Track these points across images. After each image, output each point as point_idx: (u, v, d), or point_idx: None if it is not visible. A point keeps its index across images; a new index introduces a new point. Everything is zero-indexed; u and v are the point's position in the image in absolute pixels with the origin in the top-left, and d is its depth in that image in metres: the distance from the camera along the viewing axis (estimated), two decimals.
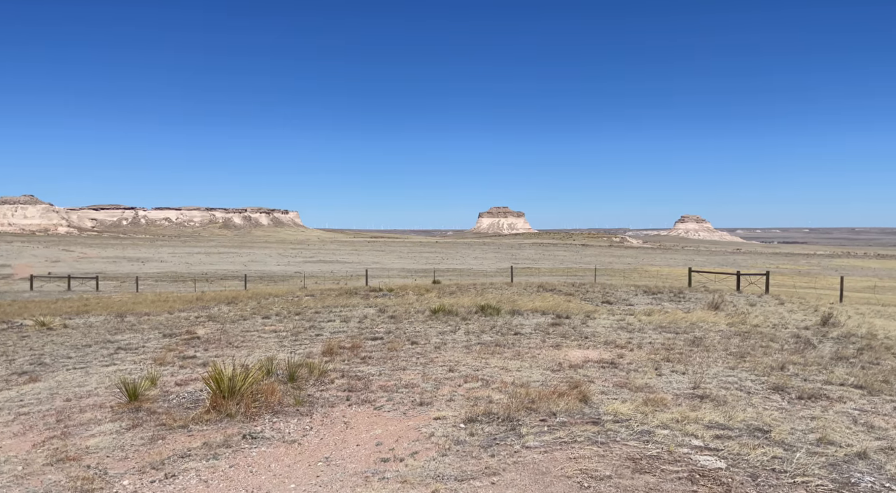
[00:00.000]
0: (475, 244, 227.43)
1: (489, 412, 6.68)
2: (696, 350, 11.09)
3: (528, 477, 4.91)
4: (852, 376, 8.82)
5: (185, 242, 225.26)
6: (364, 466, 5.32)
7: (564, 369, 9.37)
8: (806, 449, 5.57)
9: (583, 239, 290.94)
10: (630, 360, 10.05)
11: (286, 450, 5.77)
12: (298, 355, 10.53)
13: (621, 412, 6.71)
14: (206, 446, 5.86)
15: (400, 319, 15.78)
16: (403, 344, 11.71)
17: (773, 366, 9.55)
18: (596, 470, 5.01)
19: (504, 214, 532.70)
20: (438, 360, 10.11)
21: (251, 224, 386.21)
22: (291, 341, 12.56)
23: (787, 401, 7.45)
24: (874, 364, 9.98)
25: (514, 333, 13.23)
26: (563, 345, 11.65)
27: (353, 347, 11.26)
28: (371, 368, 9.46)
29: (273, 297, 24.90)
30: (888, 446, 5.74)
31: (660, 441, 5.73)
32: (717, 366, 9.62)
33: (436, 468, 5.14)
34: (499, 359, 10.17)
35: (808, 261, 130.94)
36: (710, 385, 8.15)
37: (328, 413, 6.92)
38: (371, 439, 6.05)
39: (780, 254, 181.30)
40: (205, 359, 10.41)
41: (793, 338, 12.84)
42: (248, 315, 17.44)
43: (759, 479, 4.85)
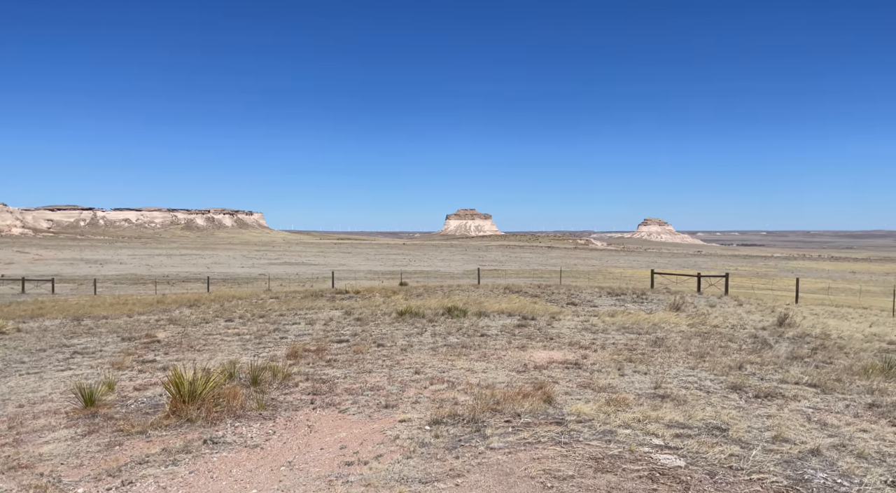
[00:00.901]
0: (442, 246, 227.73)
1: (454, 413, 6.69)
2: (657, 351, 11.30)
3: (491, 478, 4.93)
4: (807, 375, 9.10)
5: (146, 243, 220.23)
6: (328, 470, 5.27)
7: (529, 370, 9.44)
8: (762, 447, 5.72)
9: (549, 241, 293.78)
10: (594, 361, 10.19)
11: (248, 455, 5.68)
12: (262, 359, 10.39)
13: (584, 412, 6.79)
14: (165, 452, 5.74)
15: (366, 321, 15.69)
16: (369, 346, 11.65)
17: (732, 366, 9.79)
18: (559, 470, 5.06)
19: (471, 216, 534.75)
20: (405, 362, 10.09)
21: (214, 225, 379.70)
22: (255, 344, 12.38)
23: (745, 400, 7.64)
24: (827, 363, 10.30)
25: (481, 334, 13.28)
26: (528, 346, 11.74)
27: (319, 349, 11.16)
28: (336, 371, 9.38)
29: (237, 299, 24.51)
30: (840, 443, 5.93)
31: (622, 441, 5.82)
32: (678, 366, 9.82)
33: (400, 471, 5.12)
34: (465, 361, 10.20)
35: (765, 263, 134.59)
36: (670, 385, 8.31)
37: (292, 417, 6.84)
38: (335, 442, 6.00)
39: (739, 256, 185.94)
40: (165, 363, 10.19)
41: (750, 338, 13.19)
42: (211, 318, 17.13)
43: (716, 477, 4.96)
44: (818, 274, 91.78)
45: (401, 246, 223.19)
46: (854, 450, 5.70)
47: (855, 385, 8.48)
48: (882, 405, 7.39)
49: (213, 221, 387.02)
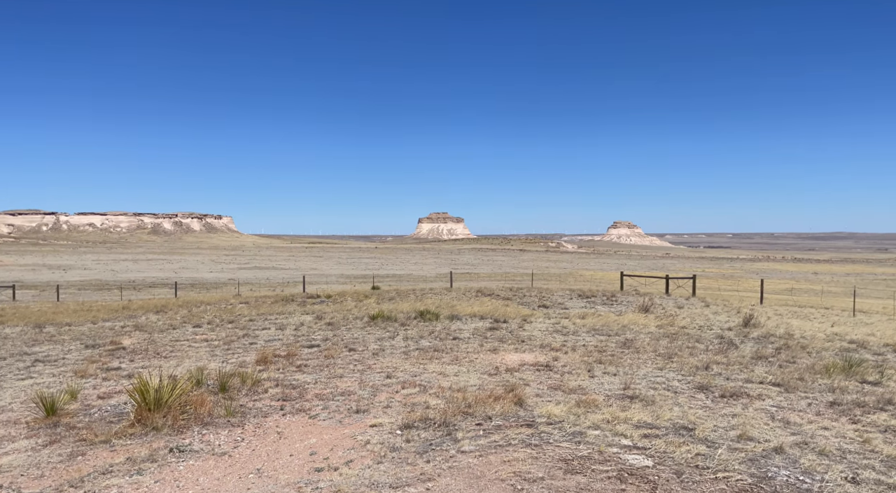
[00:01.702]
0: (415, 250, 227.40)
1: (426, 417, 6.68)
2: (627, 352, 11.45)
3: (462, 482, 4.93)
4: (771, 375, 9.31)
5: (111, 248, 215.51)
6: (297, 476, 5.22)
7: (501, 372, 9.48)
8: (727, 446, 5.83)
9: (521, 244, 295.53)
10: (564, 362, 10.27)
11: (216, 463, 5.59)
12: (231, 365, 10.25)
13: (555, 413, 6.84)
14: (129, 461, 5.61)
15: (338, 325, 15.58)
16: (341, 351, 11.57)
17: (699, 366, 9.96)
18: (529, 472, 5.09)
19: (444, 219, 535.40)
20: (376, 366, 10.05)
21: (182, 230, 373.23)
22: (224, 350, 12.20)
23: (711, 400, 7.78)
24: (791, 363, 10.55)
25: (453, 338, 13.29)
26: (500, 349, 11.79)
27: (289, 355, 11.05)
28: (307, 376, 9.30)
29: (205, 305, 24.12)
30: (802, 440, 6.07)
31: (591, 442, 5.87)
32: (647, 367, 9.95)
33: (370, 476, 5.09)
34: (437, 364, 10.19)
35: (731, 265, 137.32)
36: (639, 386, 8.42)
37: (261, 424, 6.75)
38: (305, 448, 5.94)
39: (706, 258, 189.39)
40: (130, 370, 9.97)
41: (717, 339, 13.44)
42: (178, 324, 16.83)
43: (683, 476, 5.04)
44: (782, 275, 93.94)
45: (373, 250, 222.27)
46: (816, 448, 5.84)
47: (817, 384, 8.70)
48: (842, 403, 7.60)
49: (181, 225, 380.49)
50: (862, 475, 5.16)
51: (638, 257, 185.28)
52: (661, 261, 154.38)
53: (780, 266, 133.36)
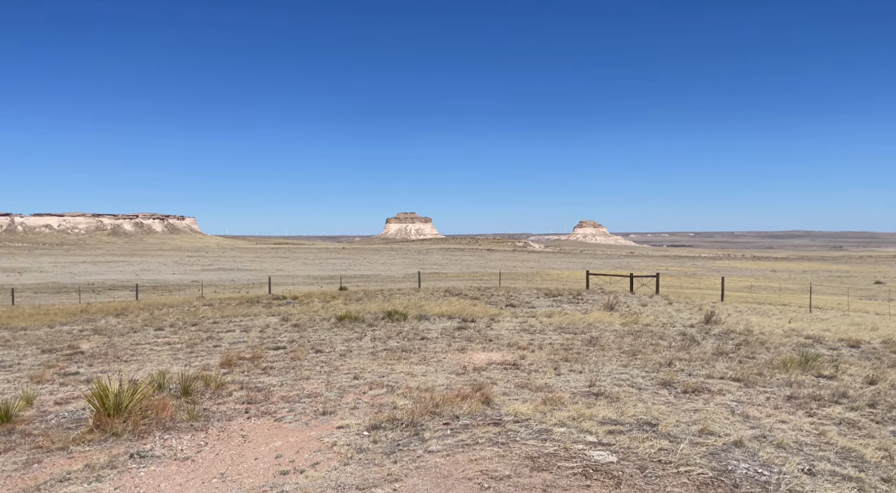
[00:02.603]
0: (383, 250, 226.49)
1: (393, 418, 6.67)
2: (592, 350, 11.60)
3: (429, 481, 4.94)
4: (731, 370, 9.54)
5: (69, 250, 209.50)
6: (262, 480, 5.15)
7: (469, 372, 9.51)
8: (689, 440, 5.96)
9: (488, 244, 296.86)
10: (531, 361, 10.36)
11: (178, 468, 5.48)
12: (194, 368, 10.06)
13: (522, 412, 6.89)
14: (88, 468, 5.46)
15: (304, 327, 15.43)
16: (307, 353, 11.46)
17: (662, 363, 10.15)
18: (496, 471, 5.12)
19: (412, 219, 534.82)
20: (343, 368, 9.98)
21: (143, 231, 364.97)
22: (187, 353, 11.97)
23: (674, 395, 7.94)
24: (750, 358, 10.83)
25: (421, 338, 13.29)
26: (468, 348, 11.83)
27: (254, 357, 10.89)
28: (272, 378, 9.18)
29: (167, 307, 23.63)
30: (761, 434, 6.24)
31: (557, 439, 5.93)
32: (612, 364, 10.10)
33: (337, 478, 5.05)
34: (405, 364, 10.17)
35: (693, 263, 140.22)
36: (604, 383, 8.54)
37: (225, 427, 6.64)
38: (271, 451, 5.87)
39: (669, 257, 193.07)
40: (89, 375, 9.71)
41: (679, 336, 13.71)
42: (140, 327, 16.46)
43: (647, 471, 5.13)
44: (742, 273, 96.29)
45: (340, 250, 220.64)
46: (774, 441, 6.01)
47: (775, 378, 8.95)
48: (799, 397, 7.83)
49: (142, 226, 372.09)
50: (818, 466, 5.33)
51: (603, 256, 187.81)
52: (626, 260, 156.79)
53: (740, 264, 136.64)
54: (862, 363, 10.51)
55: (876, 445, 5.92)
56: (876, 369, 9.90)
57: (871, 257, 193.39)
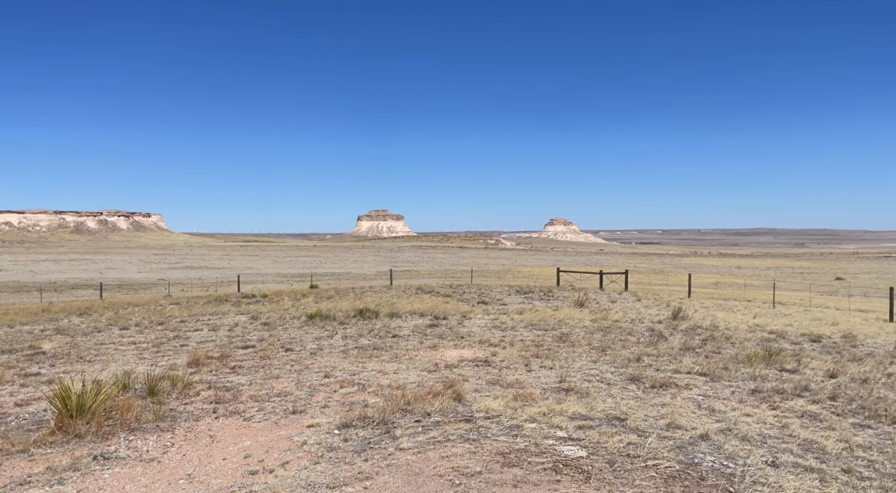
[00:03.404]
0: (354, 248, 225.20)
1: (364, 416, 6.63)
2: (563, 346, 11.70)
3: (400, 479, 4.92)
4: (697, 365, 9.72)
5: (30, 248, 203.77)
6: (230, 480, 5.07)
7: (441, 369, 9.52)
8: (657, 434, 6.05)
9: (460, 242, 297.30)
10: (503, 357, 10.41)
11: (143, 469, 5.37)
12: (160, 368, 9.87)
13: (493, 408, 6.92)
14: (50, 470, 5.32)
15: (274, 325, 15.27)
16: (277, 351, 11.34)
17: (631, 358, 10.29)
18: (467, 467, 5.13)
19: (384, 216, 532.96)
20: (314, 366, 9.90)
21: (108, 229, 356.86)
22: (153, 352, 11.74)
23: (642, 390, 8.05)
24: (716, 353, 11.05)
25: (393, 335, 13.26)
26: (440, 346, 11.83)
27: (222, 356, 10.74)
28: (241, 377, 9.06)
29: (133, 306, 23.15)
30: (727, 427, 6.36)
31: (528, 435, 5.97)
32: (582, 360, 10.21)
33: (307, 477, 5.01)
34: (376, 362, 10.13)
35: (661, 260, 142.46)
36: (574, 378, 8.63)
37: (192, 427, 6.53)
38: (239, 451, 5.79)
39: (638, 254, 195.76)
40: (51, 376, 9.46)
41: (648, 331, 13.92)
42: (104, 327, 16.09)
43: (615, 465, 5.20)
44: (708, 270, 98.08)
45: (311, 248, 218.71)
46: (739, 434, 6.13)
47: (740, 373, 9.14)
48: (763, 391, 8.01)
49: (107, 223, 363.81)
50: (781, 458, 5.45)
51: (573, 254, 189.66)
52: (596, 257, 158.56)
53: (706, 261, 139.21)
54: (823, 357, 10.80)
55: (836, 437, 6.09)
56: (836, 362, 10.18)
57: (832, 254, 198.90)
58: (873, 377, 8.90)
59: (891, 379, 8.86)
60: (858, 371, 9.30)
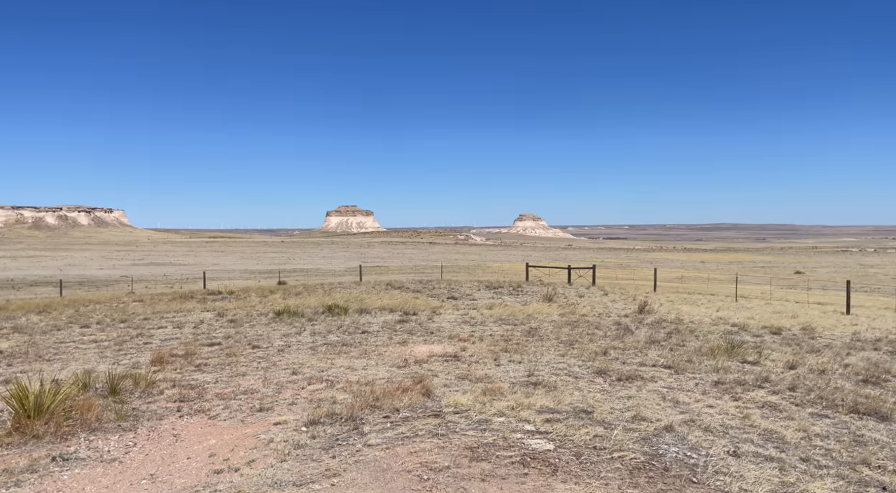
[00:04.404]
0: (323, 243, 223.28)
1: (332, 412, 6.59)
2: (531, 340, 11.79)
3: (368, 475, 4.90)
4: (663, 358, 9.88)
5: None
6: (194, 480, 4.99)
7: (410, 364, 9.50)
8: (623, 426, 6.14)
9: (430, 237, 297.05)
10: (472, 352, 10.44)
11: (104, 470, 5.25)
12: (123, 366, 9.66)
13: (462, 403, 6.94)
14: (6, 472, 5.16)
15: (241, 322, 15.05)
16: (244, 349, 11.18)
17: (598, 352, 10.42)
18: (435, 462, 5.13)
19: (353, 212, 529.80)
20: (281, 363, 9.79)
21: (68, 224, 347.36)
22: (115, 351, 11.47)
23: (609, 383, 8.16)
24: (681, 346, 11.25)
25: (362, 331, 13.19)
26: (409, 341, 11.81)
27: (187, 354, 10.54)
28: (207, 375, 8.91)
29: (94, 304, 22.58)
30: (690, 418, 6.49)
31: (496, 429, 6.00)
32: (550, 354, 10.30)
33: (273, 475, 4.95)
34: (345, 359, 10.07)
35: (627, 255, 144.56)
36: (542, 372, 8.70)
37: (155, 427, 6.40)
38: (204, 450, 5.69)
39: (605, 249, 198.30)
40: (8, 376, 9.17)
41: (615, 325, 14.11)
42: (64, 325, 15.66)
43: (582, 457, 5.26)
44: (673, 264, 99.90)
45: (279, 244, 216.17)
46: (702, 425, 6.26)
47: (703, 365, 9.33)
48: (726, 382, 8.19)
49: (67, 219, 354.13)
50: (742, 448, 5.58)
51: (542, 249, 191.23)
52: (564, 252, 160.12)
53: (671, 256, 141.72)
54: (783, 349, 11.08)
55: (795, 426, 6.25)
56: (796, 354, 10.46)
57: (792, 248, 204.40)
58: (831, 368, 9.17)
59: (847, 370, 9.14)
60: (816, 362, 9.57)
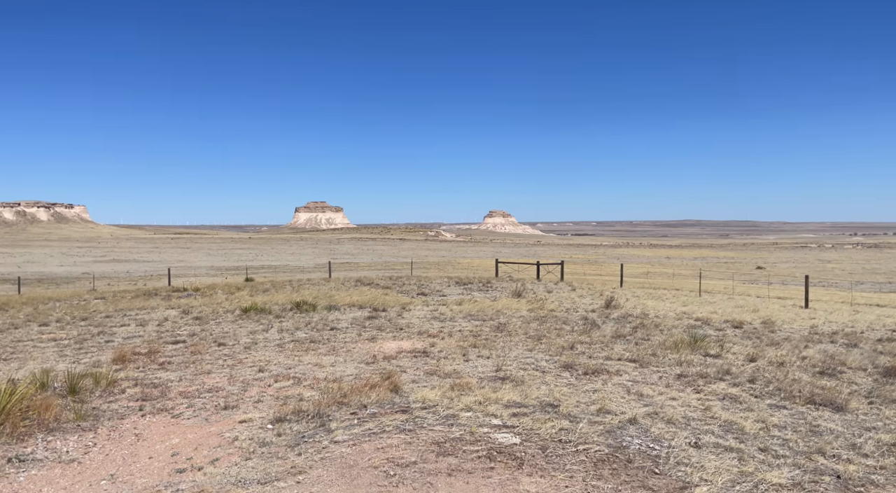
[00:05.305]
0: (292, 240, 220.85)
1: (299, 410, 6.54)
2: (500, 335, 11.86)
3: (334, 472, 4.88)
4: (628, 352, 10.04)
5: None
6: (156, 480, 4.90)
7: (379, 361, 9.48)
8: (588, 419, 6.22)
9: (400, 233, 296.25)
10: (441, 348, 10.46)
11: (63, 471, 5.12)
12: (83, 365, 9.43)
13: (430, 398, 6.95)
14: None
15: (206, 320, 14.82)
16: (209, 346, 11.01)
17: (565, 346, 10.54)
18: (402, 458, 5.13)
19: (322, 208, 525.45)
20: (248, 360, 9.67)
21: (26, 220, 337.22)
22: (75, 349, 11.19)
23: (575, 377, 8.26)
24: (645, 340, 11.44)
25: (330, 328, 13.10)
26: (378, 337, 11.78)
27: (151, 352, 10.34)
28: (170, 374, 8.76)
29: (54, 301, 21.97)
30: (654, 411, 6.61)
31: (463, 424, 6.03)
32: (518, 349, 10.38)
33: (238, 474, 4.89)
34: (313, 355, 9.99)
35: (595, 251, 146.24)
36: (510, 367, 8.76)
37: (116, 426, 6.27)
38: (167, 449, 5.60)
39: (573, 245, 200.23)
40: None
41: (582, 320, 14.28)
42: (21, 323, 15.21)
43: (548, 450, 5.31)
44: (639, 260, 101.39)
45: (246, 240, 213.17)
46: (665, 417, 6.38)
47: (667, 358, 9.50)
48: (688, 375, 8.36)
49: (25, 215, 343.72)
50: (703, 439, 5.71)
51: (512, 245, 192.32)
52: (533, 248, 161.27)
53: (637, 252, 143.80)
54: (744, 342, 11.36)
55: (754, 417, 6.42)
56: (756, 347, 10.73)
57: (754, 244, 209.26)
58: (789, 361, 9.43)
59: (805, 362, 9.41)
60: (776, 355, 9.83)
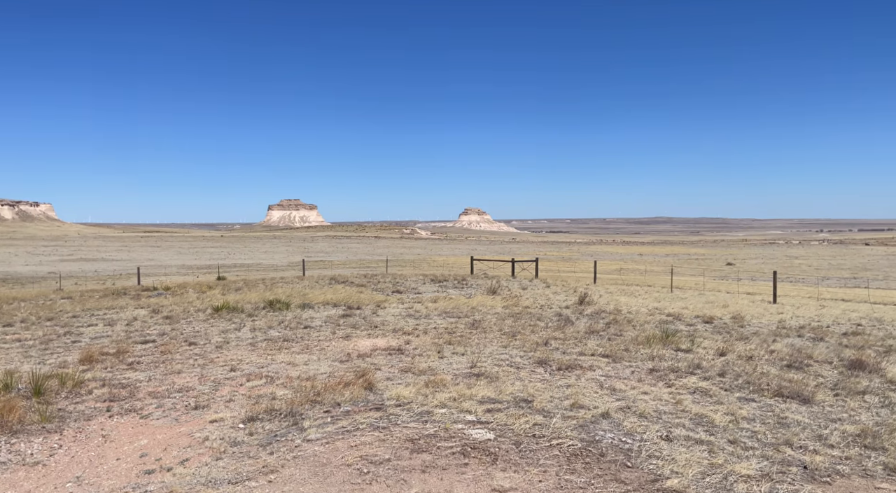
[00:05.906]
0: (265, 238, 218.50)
1: (272, 408, 6.46)
2: (475, 332, 11.88)
3: (307, 471, 4.83)
4: (601, 347, 10.13)
5: None
6: (124, 481, 4.80)
7: (353, 358, 9.42)
8: (561, 414, 6.26)
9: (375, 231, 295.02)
10: (416, 345, 10.44)
11: (27, 473, 4.99)
12: (49, 366, 9.20)
13: (404, 395, 6.92)
14: None
15: (177, 319, 14.57)
16: (180, 346, 10.83)
17: (539, 342, 10.60)
18: (376, 455, 5.10)
19: (296, 206, 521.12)
20: (219, 360, 9.54)
21: None
22: (40, 350, 10.91)
23: (549, 373, 8.31)
24: (618, 335, 11.56)
25: (304, 326, 12.98)
26: (352, 335, 11.71)
27: (119, 352, 10.13)
28: (139, 374, 8.59)
29: (19, 301, 21.41)
30: (626, 405, 6.68)
31: (437, 420, 6.02)
32: (493, 345, 10.40)
33: (208, 474, 4.82)
34: (286, 354, 9.89)
35: (569, 248, 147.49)
36: (485, 363, 8.78)
37: (83, 428, 6.13)
38: (135, 450, 5.48)
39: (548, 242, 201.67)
40: None
41: (556, 316, 14.38)
42: None
43: (521, 446, 5.33)
44: (613, 257, 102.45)
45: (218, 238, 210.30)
46: (637, 411, 6.45)
47: (639, 353, 9.61)
48: (660, 370, 8.46)
49: None
50: (674, 432, 5.78)
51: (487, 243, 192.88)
52: (508, 246, 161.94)
53: (611, 249, 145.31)
54: (714, 337, 11.54)
55: (724, 410, 6.52)
56: (726, 342, 10.91)
57: (724, 241, 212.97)
58: (758, 355, 9.61)
59: (773, 356, 9.60)
60: (745, 349, 10.01)
